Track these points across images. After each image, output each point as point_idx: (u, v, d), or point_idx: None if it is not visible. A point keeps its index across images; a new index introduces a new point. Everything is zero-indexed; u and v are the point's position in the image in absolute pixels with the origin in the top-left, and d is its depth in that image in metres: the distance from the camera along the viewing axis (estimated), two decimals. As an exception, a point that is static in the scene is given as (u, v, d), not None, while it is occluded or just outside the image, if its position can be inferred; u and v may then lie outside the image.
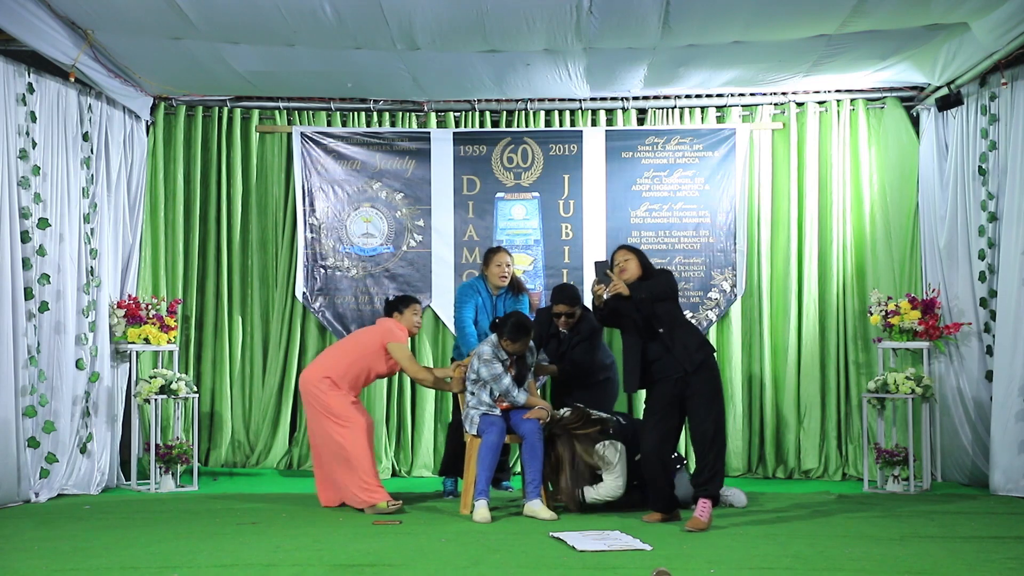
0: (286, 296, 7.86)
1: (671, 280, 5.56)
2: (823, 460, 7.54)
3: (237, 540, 4.84)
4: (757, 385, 7.70)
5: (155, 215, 7.62)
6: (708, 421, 5.35)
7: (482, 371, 5.74)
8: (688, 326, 5.56)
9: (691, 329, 5.56)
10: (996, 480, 6.40)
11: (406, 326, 6.17)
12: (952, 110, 7.04)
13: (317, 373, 6.00)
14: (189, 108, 7.82)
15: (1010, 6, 5.67)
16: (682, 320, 5.55)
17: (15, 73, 6.18)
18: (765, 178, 7.79)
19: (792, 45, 6.47)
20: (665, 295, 5.45)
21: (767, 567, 4.21)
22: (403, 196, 7.90)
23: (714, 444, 5.35)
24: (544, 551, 4.57)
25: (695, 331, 5.58)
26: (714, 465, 5.34)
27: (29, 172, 6.20)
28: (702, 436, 5.37)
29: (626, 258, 5.56)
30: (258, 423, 7.81)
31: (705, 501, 5.19)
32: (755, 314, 7.74)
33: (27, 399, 6.06)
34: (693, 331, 5.55)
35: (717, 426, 5.38)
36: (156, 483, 6.73)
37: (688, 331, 5.50)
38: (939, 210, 7.22)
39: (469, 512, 5.71)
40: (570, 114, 7.96)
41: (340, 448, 5.85)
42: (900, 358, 7.23)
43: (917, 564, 4.24)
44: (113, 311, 6.90)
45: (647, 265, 5.59)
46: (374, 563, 4.28)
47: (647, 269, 5.57)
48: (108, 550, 4.57)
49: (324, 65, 6.88)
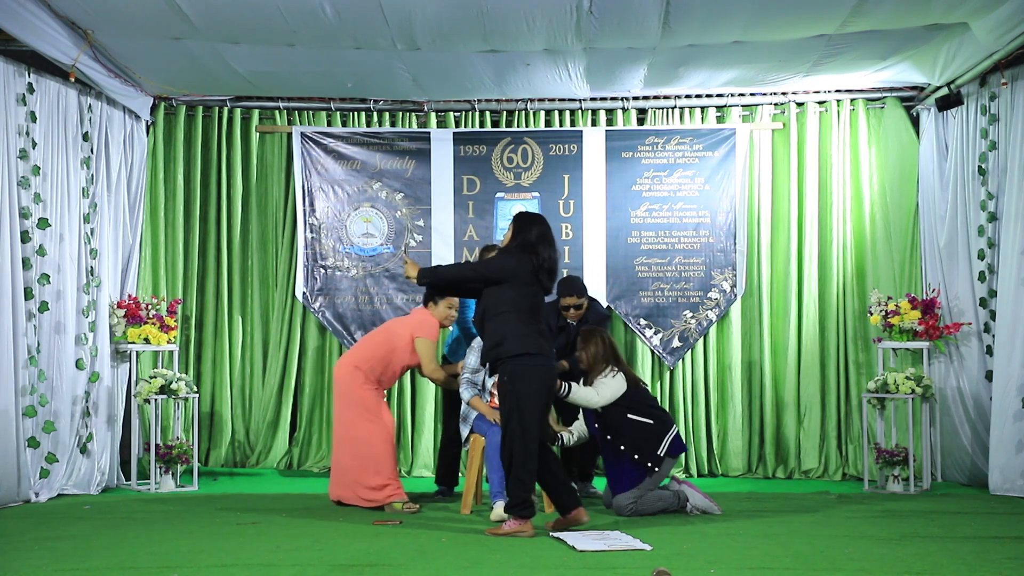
0: (286, 296, 7.86)
1: (484, 263, 5.26)
2: (823, 460, 7.54)
3: (237, 540, 4.84)
4: (757, 385, 7.70)
5: (155, 215, 7.62)
6: (501, 438, 5.03)
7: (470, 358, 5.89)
8: (498, 320, 5.00)
9: (497, 326, 4.99)
10: (995, 480, 6.40)
11: (438, 318, 6.10)
12: (952, 110, 7.04)
13: (350, 363, 5.98)
14: (189, 108, 7.82)
15: (1010, 6, 5.67)
16: (495, 312, 5.02)
17: (15, 73, 6.18)
18: (765, 178, 7.79)
19: (792, 45, 6.47)
20: (486, 274, 5.07)
21: (767, 567, 4.21)
22: (403, 196, 7.90)
23: (504, 464, 5.02)
24: (544, 551, 4.57)
25: (499, 329, 4.98)
26: (508, 488, 5.00)
27: (29, 172, 6.19)
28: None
29: None
30: (258, 423, 7.81)
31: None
32: (755, 314, 7.74)
33: (27, 399, 6.06)
34: (498, 328, 4.99)
35: (504, 444, 4.97)
36: (156, 483, 6.73)
37: (494, 327, 5.01)
38: (939, 210, 7.22)
39: (469, 512, 5.72)
40: (570, 114, 7.96)
41: (364, 443, 5.84)
42: (900, 358, 7.23)
43: (917, 564, 4.24)
44: (113, 311, 6.90)
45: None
46: (374, 563, 4.28)
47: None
48: (108, 550, 4.57)
49: (324, 65, 6.88)
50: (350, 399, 5.93)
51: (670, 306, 7.75)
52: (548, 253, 5.07)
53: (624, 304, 7.75)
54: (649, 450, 5.62)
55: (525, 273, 5.02)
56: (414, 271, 5.20)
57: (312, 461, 7.76)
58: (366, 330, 7.66)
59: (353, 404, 5.92)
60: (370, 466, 5.82)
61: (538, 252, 5.04)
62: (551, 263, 5.09)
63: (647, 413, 5.70)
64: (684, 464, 7.62)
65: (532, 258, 5.03)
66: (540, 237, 5.08)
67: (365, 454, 5.83)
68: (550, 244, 5.11)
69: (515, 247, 5.08)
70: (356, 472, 5.87)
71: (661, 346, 7.71)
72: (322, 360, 7.89)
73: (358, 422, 5.89)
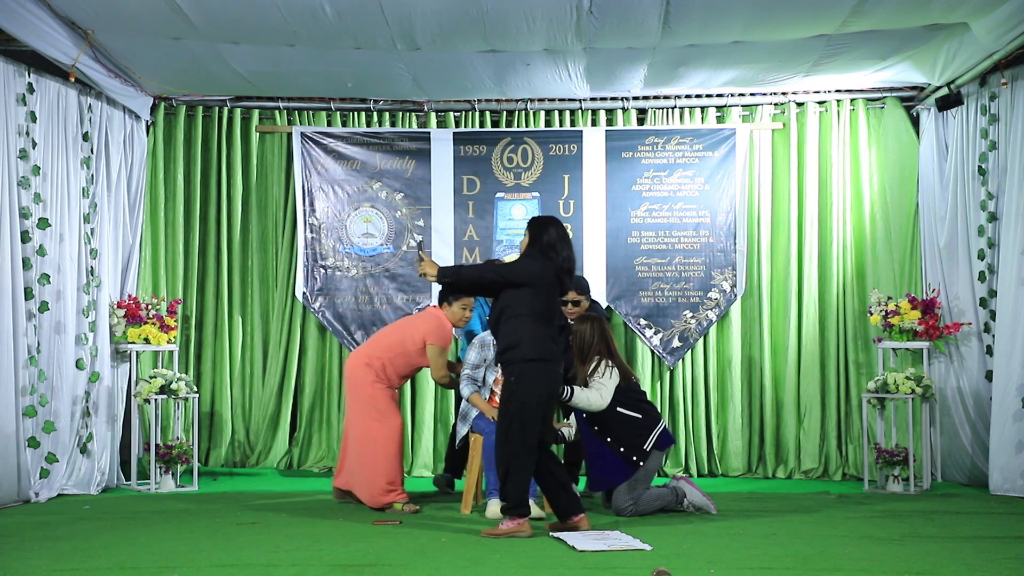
0: (286, 296, 7.86)
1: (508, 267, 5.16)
2: (823, 460, 7.55)
3: (237, 540, 4.84)
4: (757, 385, 7.71)
5: (155, 215, 7.62)
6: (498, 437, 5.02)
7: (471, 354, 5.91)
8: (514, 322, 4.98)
9: (513, 328, 4.98)
10: (995, 480, 6.40)
11: (452, 319, 6.06)
12: (952, 110, 7.04)
13: (361, 359, 5.97)
14: (189, 108, 7.82)
15: (1010, 6, 5.67)
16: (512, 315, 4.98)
17: (15, 73, 6.18)
18: (765, 178, 7.79)
19: (792, 45, 6.47)
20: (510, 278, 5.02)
21: (767, 567, 4.21)
22: (403, 196, 7.90)
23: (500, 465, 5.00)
24: (544, 551, 4.57)
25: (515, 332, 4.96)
26: (504, 490, 4.96)
27: (29, 172, 6.19)
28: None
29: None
30: (258, 423, 7.81)
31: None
32: (755, 314, 7.74)
33: (27, 399, 6.06)
34: (513, 331, 4.97)
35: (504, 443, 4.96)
36: (156, 483, 6.73)
37: (509, 330, 4.98)
38: (939, 210, 7.22)
39: (469, 512, 5.72)
40: (570, 114, 7.96)
41: (372, 442, 5.84)
42: (900, 358, 7.23)
43: (917, 564, 4.24)
44: (113, 311, 6.90)
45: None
46: (374, 563, 4.28)
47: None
48: (108, 550, 4.57)
49: (324, 65, 6.88)
50: (358, 395, 5.94)
51: (670, 306, 7.75)
52: (567, 252, 5.12)
53: (624, 304, 7.75)
54: (635, 444, 5.59)
55: (549, 277, 5.06)
56: (433, 269, 5.08)
57: (312, 461, 7.76)
58: (366, 330, 7.67)
59: (361, 401, 5.92)
60: (374, 466, 5.82)
61: (558, 252, 5.08)
62: (570, 263, 5.15)
63: (636, 407, 5.69)
64: (684, 464, 7.63)
65: (553, 259, 5.06)
66: (559, 238, 5.12)
67: (369, 453, 5.83)
68: (568, 244, 5.16)
69: (537, 251, 5.10)
70: (360, 467, 5.88)
71: (661, 346, 7.71)
72: (322, 360, 7.89)
73: (365, 420, 5.89)
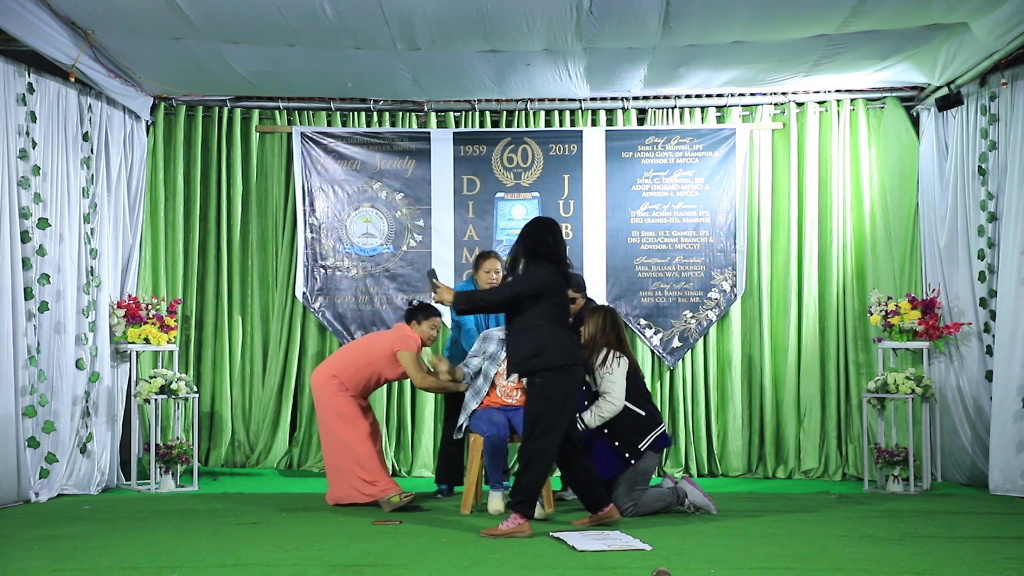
0: (286, 296, 7.87)
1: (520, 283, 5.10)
2: (823, 460, 7.55)
3: (237, 540, 4.84)
4: (757, 385, 7.71)
5: (155, 215, 7.62)
6: (525, 432, 5.07)
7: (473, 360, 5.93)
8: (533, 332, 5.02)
9: (533, 336, 5.01)
10: (995, 480, 6.41)
11: (420, 336, 6.11)
12: (952, 110, 7.04)
13: (327, 372, 6.04)
14: (189, 108, 7.82)
15: (1010, 6, 5.67)
16: (533, 324, 5.03)
17: (15, 73, 6.18)
18: (765, 178, 7.79)
19: (792, 45, 6.47)
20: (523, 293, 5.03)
21: (767, 567, 4.21)
22: (403, 196, 7.90)
23: (523, 458, 5.07)
24: (544, 551, 4.57)
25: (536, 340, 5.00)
26: (520, 481, 5.00)
27: (29, 172, 6.19)
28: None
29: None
30: (258, 423, 7.82)
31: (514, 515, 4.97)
32: (755, 314, 7.74)
33: (27, 399, 6.06)
34: (535, 339, 5.00)
35: (529, 439, 5.01)
36: (156, 483, 6.73)
37: (531, 337, 5.01)
38: (939, 210, 7.22)
39: (469, 512, 5.72)
40: (570, 114, 7.96)
41: (345, 446, 5.90)
42: (900, 358, 7.23)
43: (917, 564, 4.24)
44: (113, 311, 6.90)
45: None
46: (374, 563, 4.28)
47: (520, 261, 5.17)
48: (108, 550, 4.57)
49: (324, 65, 6.88)
50: (325, 405, 6.00)
51: (670, 306, 7.75)
52: (564, 251, 5.21)
53: (624, 304, 7.75)
54: (631, 441, 5.54)
55: (560, 282, 5.14)
56: (449, 295, 5.17)
57: (312, 461, 7.76)
58: (366, 330, 7.68)
59: (329, 411, 5.98)
60: (355, 465, 5.87)
61: (560, 253, 5.16)
62: (567, 260, 5.25)
63: (641, 405, 5.66)
64: (684, 464, 7.63)
65: (556, 263, 5.13)
66: (556, 240, 5.19)
67: (346, 456, 5.90)
68: (563, 241, 5.25)
69: (541, 258, 5.12)
70: (339, 473, 5.93)
71: (661, 346, 7.71)
72: (322, 360, 7.88)
73: (334, 430, 5.96)
